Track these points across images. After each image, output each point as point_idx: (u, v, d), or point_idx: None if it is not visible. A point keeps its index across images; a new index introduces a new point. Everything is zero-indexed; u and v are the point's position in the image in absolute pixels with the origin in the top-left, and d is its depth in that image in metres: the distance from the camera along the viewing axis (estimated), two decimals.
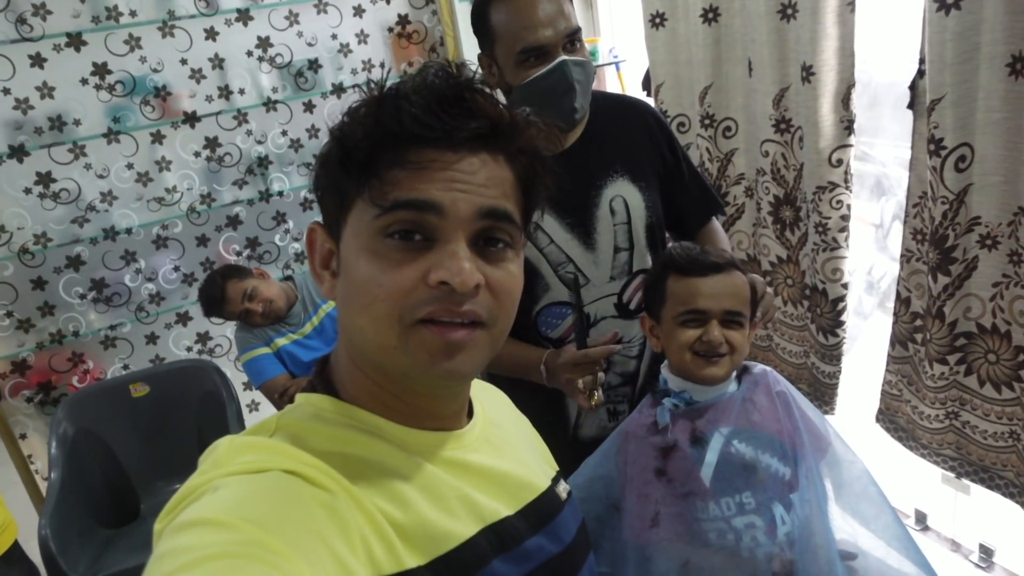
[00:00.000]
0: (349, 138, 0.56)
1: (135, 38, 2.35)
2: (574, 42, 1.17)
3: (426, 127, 0.54)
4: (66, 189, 2.36)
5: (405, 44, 2.76)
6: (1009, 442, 1.63)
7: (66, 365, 2.46)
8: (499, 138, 0.57)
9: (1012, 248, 1.51)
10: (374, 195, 0.55)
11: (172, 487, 2.36)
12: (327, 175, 0.59)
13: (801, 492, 0.95)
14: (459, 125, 0.55)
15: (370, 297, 0.55)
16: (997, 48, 1.40)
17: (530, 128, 0.59)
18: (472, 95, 0.56)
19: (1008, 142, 1.45)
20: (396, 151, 0.55)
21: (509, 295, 0.58)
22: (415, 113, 0.54)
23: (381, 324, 0.55)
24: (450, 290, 0.54)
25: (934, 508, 2.11)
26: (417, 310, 0.54)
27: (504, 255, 0.58)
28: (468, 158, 0.56)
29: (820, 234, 1.95)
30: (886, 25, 1.87)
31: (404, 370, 0.56)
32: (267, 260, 2.70)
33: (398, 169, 0.55)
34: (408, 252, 0.55)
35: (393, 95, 0.56)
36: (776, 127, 2.03)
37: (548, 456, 0.79)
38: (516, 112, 0.59)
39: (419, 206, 0.54)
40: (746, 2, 1.98)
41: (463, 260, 0.54)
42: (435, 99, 0.54)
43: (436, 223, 0.55)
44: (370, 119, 0.56)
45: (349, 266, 0.57)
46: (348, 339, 0.61)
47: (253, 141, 2.60)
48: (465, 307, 0.55)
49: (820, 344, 2.08)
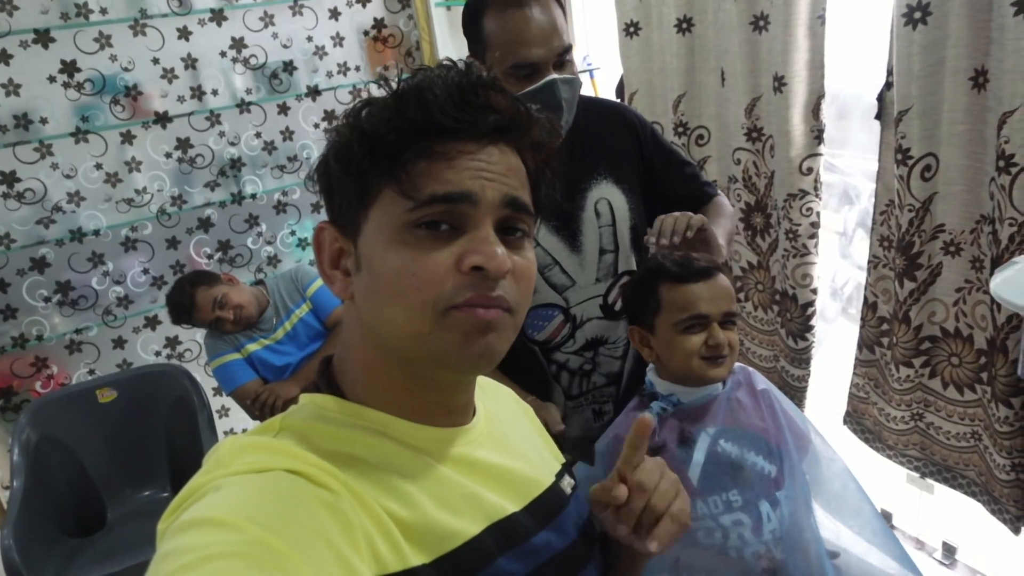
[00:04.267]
0: (372, 132, 0.57)
1: (105, 36, 2.31)
2: (564, 60, 1.18)
3: (451, 118, 0.55)
4: (31, 189, 2.30)
5: (381, 48, 2.75)
6: (971, 442, 1.69)
7: (29, 370, 2.40)
8: (515, 131, 0.59)
9: (974, 255, 1.57)
10: (405, 188, 0.55)
11: (141, 495, 2.32)
12: (344, 170, 0.59)
13: (786, 489, 0.97)
14: (480, 117, 0.57)
15: (402, 286, 0.55)
16: (960, 62, 1.45)
17: (539, 123, 0.62)
18: (486, 90, 0.57)
19: (970, 152, 1.51)
20: (421, 143, 0.56)
21: (529, 281, 0.60)
22: (440, 105, 0.55)
23: (414, 312, 0.55)
24: (483, 275, 0.55)
25: (899, 507, 2.17)
26: (454, 297, 0.55)
27: (522, 243, 0.60)
28: (489, 148, 0.58)
29: (790, 240, 2.00)
30: (854, 38, 1.93)
31: (437, 353, 0.56)
32: (239, 263, 2.67)
33: (425, 161, 0.56)
34: (437, 240, 0.56)
35: (414, 88, 0.57)
36: (748, 136, 2.07)
37: (553, 449, 0.79)
38: (527, 107, 0.61)
39: (455, 198, 0.55)
40: (719, 13, 2.03)
41: (495, 245, 0.56)
42: (456, 92, 0.56)
43: (468, 212, 0.56)
44: (392, 113, 0.56)
45: (375, 259, 0.57)
46: (371, 335, 0.60)
47: (226, 143, 2.56)
48: (496, 292, 0.56)
49: (790, 348, 2.13)
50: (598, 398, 1.33)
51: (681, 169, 1.38)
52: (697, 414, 1.01)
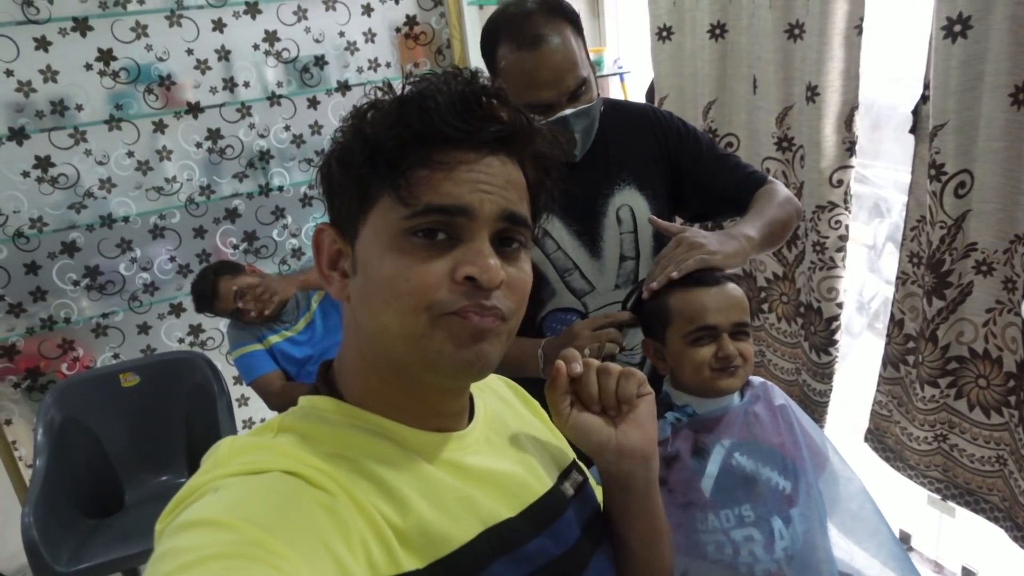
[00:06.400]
0: (373, 137, 0.57)
1: (142, 26, 2.34)
2: (580, 92, 1.15)
3: (452, 127, 0.55)
4: (64, 174, 2.34)
5: (412, 45, 2.76)
6: (996, 467, 1.65)
7: (56, 352, 2.44)
8: (516, 142, 0.60)
9: (1007, 275, 1.53)
10: (403, 195, 0.56)
11: (158, 479, 2.35)
12: (345, 173, 0.59)
13: (801, 507, 0.95)
14: (482, 127, 0.57)
15: (395, 291, 0.56)
16: (1000, 78, 1.42)
17: (541, 134, 0.62)
18: (490, 99, 0.57)
19: (1007, 171, 1.48)
20: (422, 151, 0.56)
21: (523, 292, 0.61)
22: (442, 114, 0.55)
23: (407, 316, 0.56)
24: (476, 286, 0.56)
25: (918, 529, 2.13)
26: (448, 304, 0.56)
27: (519, 255, 0.61)
28: (488, 159, 0.58)
29: (817, 253, 1.97)
30: (892, 49, 1.90)
31: (429, 357, 0.57)
32: (264, 255, 2.69)
33: (424, 169, 0.56)
34: (433, 249, 0.56)
35: (417, 96, 0.57)
36: (778, 145, 2.05)
37: (563, 444, 0.79)
38: (530, 117, 0.61)
39: (452, 211, 0.56)
40: (754, 20, 2.01)
41: (489, 257, 0.56)
42: (459, 101, 0.56)
43: (464, 224, 0.57)
44: (394, 119, 0.56)
45: (371, 264, 0.58)
46: (365, 338, 0.60)
47: (255, 135, 2.59)
48: (491, 302, 0.57)
49: (812, 362, 2.09)
50: None
51: (719, 162, 1.33)
52: (712, 425, 0.99)
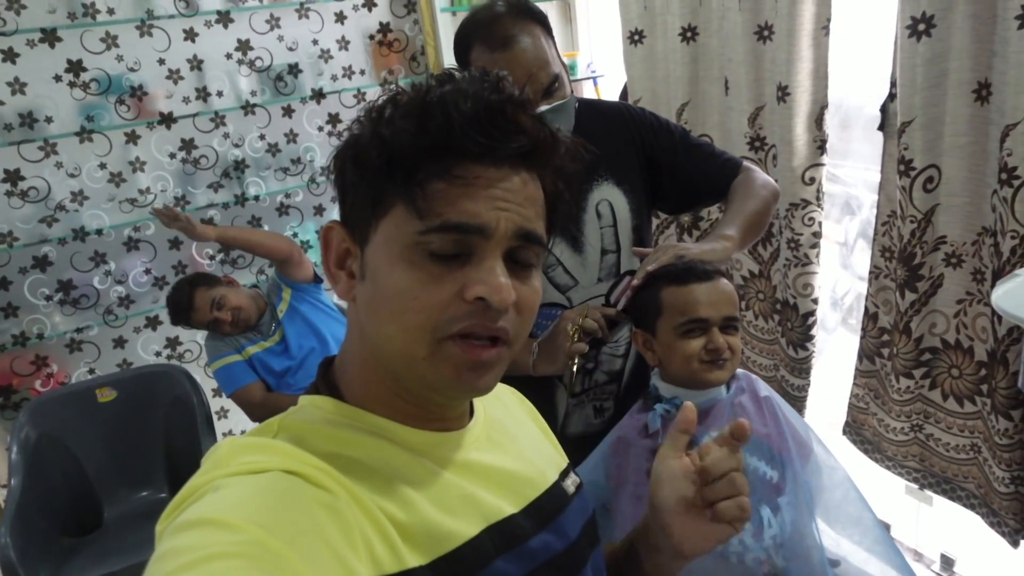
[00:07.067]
0: (391, 142, 0.55)
1: (112, 36, 2.32)
2: (553, 88, 1.18)
3: (476, 143, 0.53)
4: (35, 187, 2.30)
5: (386, 52, 2.77)
6: (971, 454, 1.69)
7: (29, 368, 2.39)
8: (538, 156, 0.57)
9: (976, 266, 1.57)
10: (420, 208, 0.54)
11: (138, 495, 2.31)
12: (359, 174, 0.57)
13: (788, 496, 0.97)
14: (505, 141, 0.54)
15: (403, 307, 0.55)
16: (964, 74, 1.46)
17: (564, 145, 0.59)
18: (515, 110, 0.55)
19: (972, 165, 1.52)
20: (441, 162, 0.54)
21: (532, 311, 0.59)
22: (464, 127, 0.53)
23: (412, 335, 0.55)
24: (485, 306, 0.54)
25: (898, 519, 2.17)
26: (452, 325, 0.54)
27: (530, 273, 0.59)
28: (511, 176, 0.56)
29: (792, 250, 2.01)
30: (859, 49, 1.94)
31: (427, 381, 0.56)
32: (241, 265, 2.67)
33: (442, 183, 0.54)
34: (444, 266, 0.55)
35: (439, 102, 0.54)
36: (751, 145, 2.08)
37: (558, 449, 0.79)
38: (553, 130, 0.58)
39: (469, 230, 0.54)
40: (724, 22, 2.04)
41: (501, 277, 0.54)
42: (484, 111, 0.53)
43: (478, 242, 0.55)
44: (414, 125, 0.54)
45: (380, 272, 0.57)
46: (368, 344, 0.60)
47: (230, 144, 2.57)
48: (499, 323, 0.55)
49: (790, 357, 2.13)
50: (599, 395, 1.34)
51: (693, 152, 1.36)
52: (700, 417, 1.00)
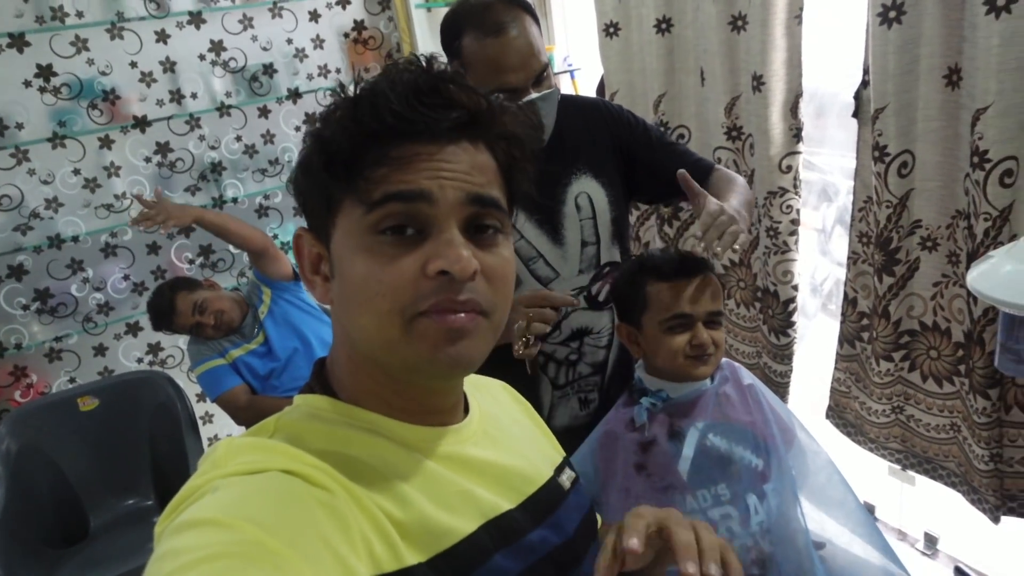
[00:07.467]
0: (330, 140, 0.56)
1: (82, 40, 2.28)
2: (542, 77, 1.20)
3: (405, 121, 0.54)
4: (8, 196, 2.27)
5: (361, 50, 2.75)
6: (951, 434, 1.72)
7: (7, 379, 2.36)
8: (479, 126, 0.58)
9: (951, 249, 1.60)
10: (362, 194, 0.55)
11: (124, 503, 2.29)
12: (309, 180, 0.59)
13: (773, 482, 0.99)
14: (438, 117, 0.55)
15: (370, 294, 0.55)
16: (935, 60, 1.48)
17: (507, 114, 0.60)
18: (446, 85, 0.56)
19: (945, 149, 1.54)
20: (378, 148, 0.55)
21: (503, 280, 0.59)
22: (394, 108, 0.54)
23: (383, 320, 0.55)
24: (449, 279, 0.54)
25: (882, 500, 2.20)
26: (420, 303, 0.54)
27: (495, 240, 0.58)
28: (450, 148, 0.56)
29: (771, 238, 2.02)
30: (831, 37, 1.96)
31: (409, 362, 0.56)
32: (221, 268, 2.65)
33: (383, 167, 0.54)
34: (402, 246, 0.55)
35: (369, 93, 0.55)
36: (728, 135, 2.09)
37: (553, 444, 0.80)
38: (492, 99, 0.59)
39: (408, 196, 0.54)
40: (698, 13, 2.05)
41: (459, 247, 0.54)
42: (412, 92, 0.54)
43: (427, 212, 0.55)
44: (348, 119, 0.55)
45: (344, 267, 0.57)
46: (349, 339, 0.60)
47: (206, 147, 2.55)
48: (463, 296, 0.55)
49: (772, 344, 2.15)
50: (584, 387, 1.35)
51: (668, 150, 1.38)
52: (686, 409, 1.02)
